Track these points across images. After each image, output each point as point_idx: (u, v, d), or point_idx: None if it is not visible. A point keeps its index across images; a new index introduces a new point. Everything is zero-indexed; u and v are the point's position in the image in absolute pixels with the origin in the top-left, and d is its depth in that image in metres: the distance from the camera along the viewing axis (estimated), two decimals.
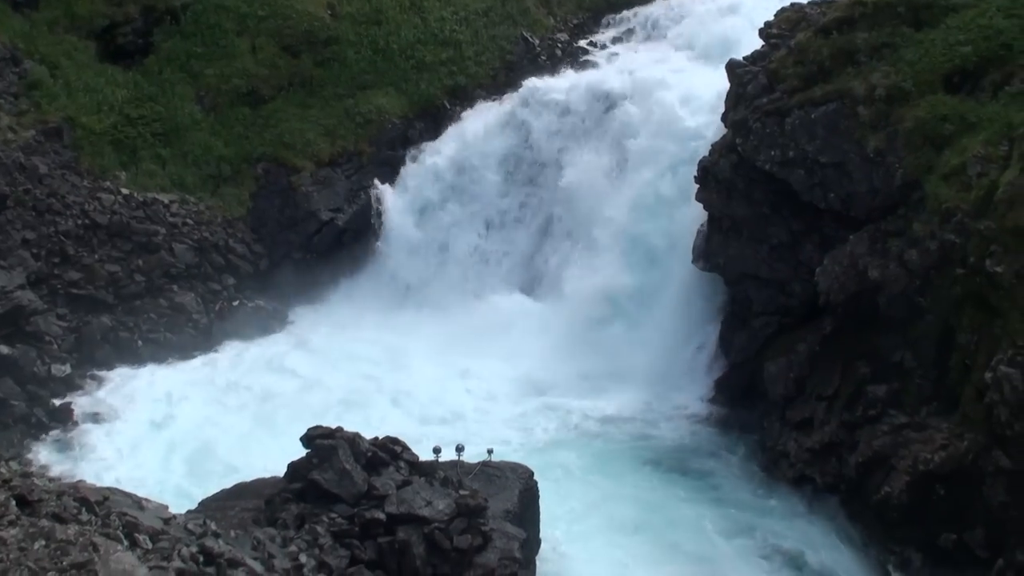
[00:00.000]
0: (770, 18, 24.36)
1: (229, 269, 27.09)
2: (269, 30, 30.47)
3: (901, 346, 18.51)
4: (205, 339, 25.47)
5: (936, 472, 16.55)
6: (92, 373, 23.45)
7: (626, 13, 34.34)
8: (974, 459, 16.13)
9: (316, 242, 28.31)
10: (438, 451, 15.79)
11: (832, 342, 20.04)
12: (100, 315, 24.49)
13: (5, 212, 24.19)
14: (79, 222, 25.19)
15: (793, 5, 24.39)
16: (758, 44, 23.80)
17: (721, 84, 23.65)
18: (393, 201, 28.95)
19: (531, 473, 16.60)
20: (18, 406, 21.14)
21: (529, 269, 27.98)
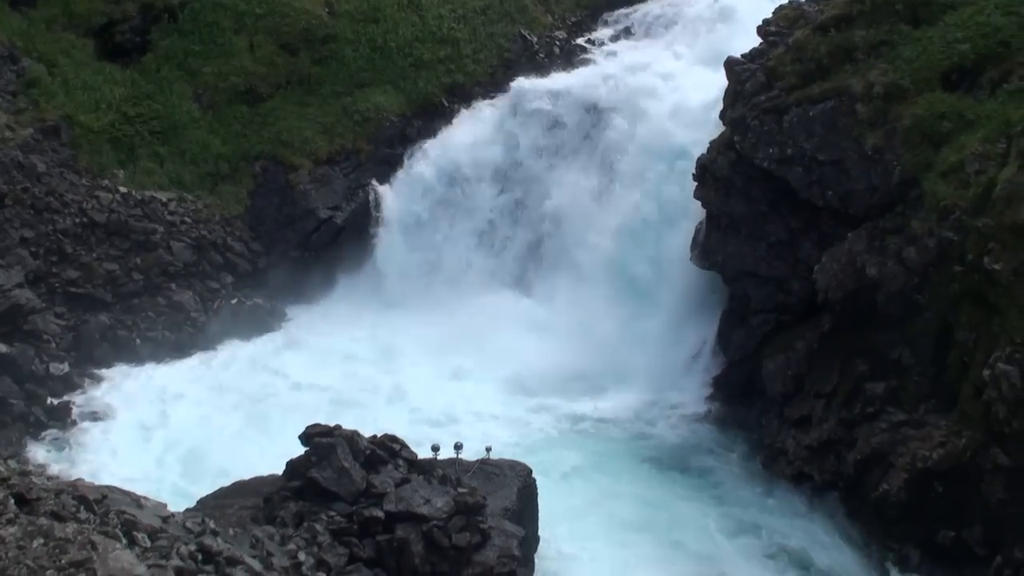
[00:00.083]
0: (767, 16, 24.31)
1: (227, 267, 27.06)
2: (267, 28, 30.41)
3: (899, 343, 18.51)
4: (203, 337, 25.43)
5: (934, 469, 16.58)
6: (90, 372, 23.43)
7: (624, 11, 34.27)
8: (972, 456, 16.16)
9: (314, 240, 28.27)
10: (436, 449, 15.76)
11: (830, 340, 20.05)
12: (98, 313, 24.45)
13: (3, 210, 24.15)
14: (77, 220, 25.16)
15: (791, 3, 24.39)
16: (755, 42, 23.76)
17: (720, 83, 23.57)
18: (391, 200, 28.92)
19: (530, 471, 16.62)
20: (16, 404, 21.11)
21: (525, 267, 27.98)
